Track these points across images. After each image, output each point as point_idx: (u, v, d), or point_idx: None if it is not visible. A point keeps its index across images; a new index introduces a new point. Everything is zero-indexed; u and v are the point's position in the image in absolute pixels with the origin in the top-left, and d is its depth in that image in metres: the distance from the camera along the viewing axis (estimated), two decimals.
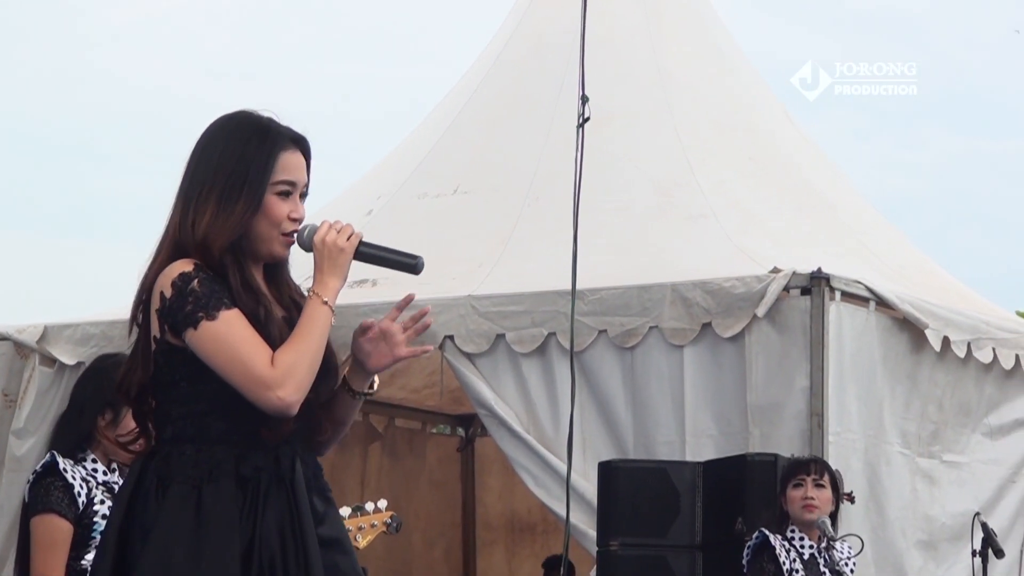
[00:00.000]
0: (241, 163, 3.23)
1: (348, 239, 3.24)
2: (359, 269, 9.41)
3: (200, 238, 3.19)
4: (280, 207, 3.24)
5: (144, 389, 3.23)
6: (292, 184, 3.25)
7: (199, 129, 3.32)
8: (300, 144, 3.29)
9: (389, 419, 10.24)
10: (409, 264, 3.31)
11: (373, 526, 6.48)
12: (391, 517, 6.47)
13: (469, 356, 7.75)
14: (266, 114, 3.30)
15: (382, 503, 6.45)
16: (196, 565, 3.09)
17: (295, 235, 3.26)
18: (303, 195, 3.29)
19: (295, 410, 3.13)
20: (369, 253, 3.28)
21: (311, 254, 3.30)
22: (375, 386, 3.38)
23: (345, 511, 6.36)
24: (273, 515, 3.15)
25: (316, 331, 3.20)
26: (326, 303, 3.23)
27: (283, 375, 3.11)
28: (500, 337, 7.71)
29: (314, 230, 3.24)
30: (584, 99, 7.02)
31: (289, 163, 3.26)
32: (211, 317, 3.13)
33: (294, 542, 3.15)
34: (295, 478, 3.19)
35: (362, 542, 6.44)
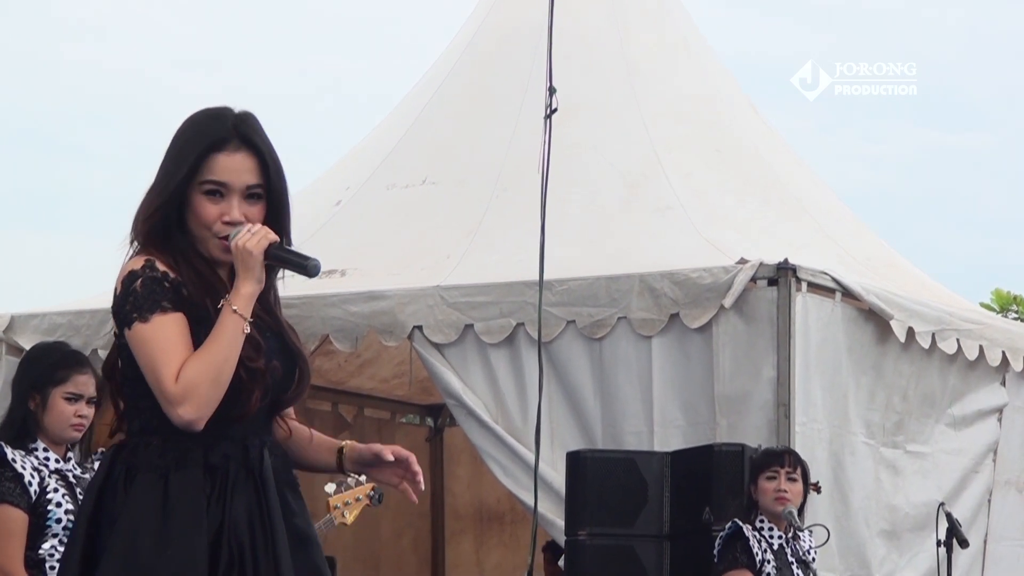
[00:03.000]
0: (172, 161, 3.21)
1: (258, 242, 3.15)
2: (327, 260, 9.37)
3: (136, 229, 3.22)
4: (207, 208, 3.18)
5: (120, 379, 3.26)
6: (222, 185, 3.18)
7: (170, 120, 3.32)
8: (247, 143, 3.20)
9: (358, 409, 10.26)
10: (303, 266, 3.20)
11: (358, 500, 6.47)
12: (373, 489, 6.41)
13: (438, 346, 7.77)
14: (228, 111, 3.24)
15: (362, 477, 6.39)
16: (162, 549, 3.09)
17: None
18: (252, 196, 3.20)
19: (199, 426, 3.10)
20: (277, 255, 3.18)
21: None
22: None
23: (330, 487, 6.36)
24: (242, 504, 3.16)
25: (223, 342, 3.12)
26: (235, 311, 3.13)
27: (183, 392, 3.08)
28: (469, 327, 7.73)
29: (236, 235, 3.17)
30: (551, 90, 7.04)
31: (222, 164, 3.18)
32: (143, 319, 3.12)
33: (263, 532, 3.16)
34: (263, 468, 3.19)
35: (349, 517, 6.40)
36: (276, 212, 3.25)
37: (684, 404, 7.42)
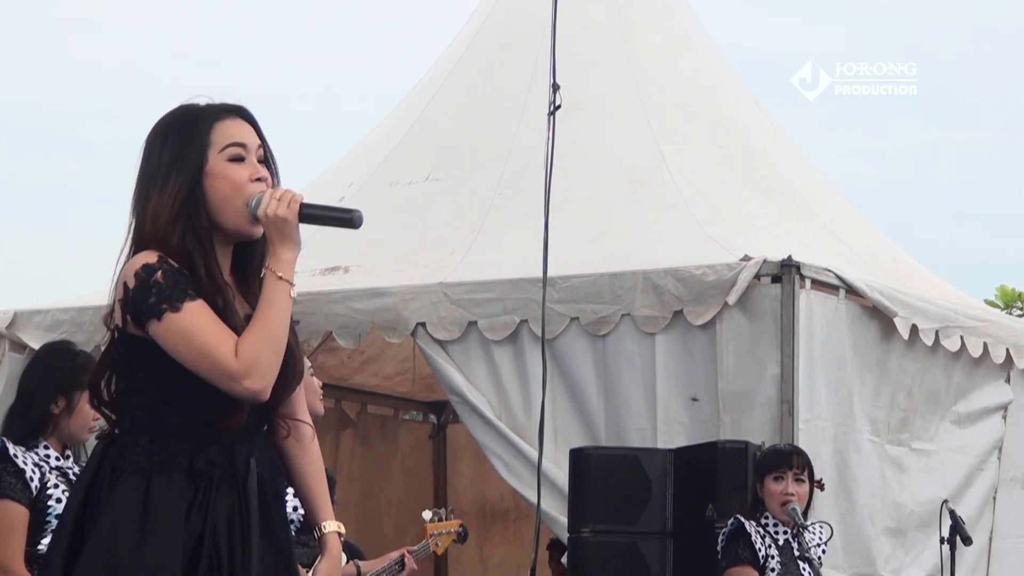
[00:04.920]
0: (176, 146, 3.21)
1: (288, 206, 3.16)
2: (330, 257, 9.33)
3: (150, 229, 3.19)
4: (237, 171, 3.19)
5: (106, 379, 3.24)
6: (242, 146, 3.21)
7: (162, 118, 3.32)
8: (240, 113, 3.25)
9: (361, 406, 10.25)
10: (346, 219, 3.21)
11: (448, 533, 6.80)
12: (460, 526, 6.83)
13: (441, 343, 7.76)
14: (202, 100, 3.27)
15: (450, 509, 6.93)
16: (138, 553, 3.09)
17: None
18: (261, 160, 3.23)
19: (266, 396, 3.12)
20: (311, 215, 3.19)
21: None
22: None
23: (427, 514, 6.79)
24: (224, 511, 3.15)
25: (276, 310, 3.14)
26: (281, 278, 3.15)
27: (247, 365, 3.09)
28: (472, 324, 7.72)
29: (259, 202, 3.17)
30: (555, 87, 7.03)
31: (230, 129, 3.21)
32: (175, 309, 3.11)
33: (241, 542, 3.15)
34: (248, 476, 3.18)
35: (441, 547, 6.75)
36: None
37: (688, 401, 7.41)
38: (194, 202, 3.19)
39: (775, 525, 6.11)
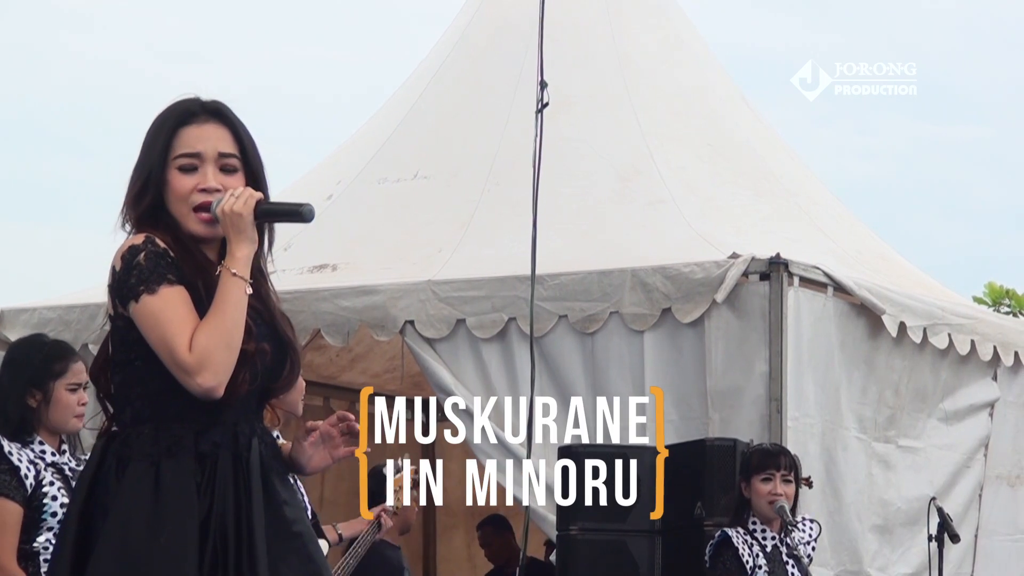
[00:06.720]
0: (143, 150, 3.25)
1: (245, 203, 3.17)
2: (318, 254, 9.27)
3: (131, 217, 3.24)
4: (182, 181, 3.21)
5: (104, 370, 3.25)
6: (195, 156, 3.21)
7: (156, 112, 3.34)
8: (217, 116, 3.25)
9: (350, 404, 10.22)
10: (297, 212, 3.22)
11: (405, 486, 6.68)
12: (415, 472, 6.73)
13: (429, 341, 7.76)
14: (189, 95, 3.28)
15: (404, 461, 6.68)
16: (155, 536, 3.10)
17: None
18: (228, 169, 3.23)
19: (219, 393, 3.12)
20: (266, 210, 3.21)
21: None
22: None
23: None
24: (229, 492, 3.16)
25: (228, 306, 3.14)
26: (235, 274, 3.16)
27: (198, 361, 3.10)
28: (460, 322, 7.72)
29: (219, 202, 3.19)
30: (543, 85, 7.03)
31: (190, 136, 3.22)
32: (151, 291, 3.12)
33: (247, 521, 3.17)
34: (251, 457, 3.20)
35: (401, 499, 6.66)
36: (255, 185, 3.26)
37: (676, 399, 7.42)
38: (156, 204, 3.23)
39: (763, 530, 6.08)
